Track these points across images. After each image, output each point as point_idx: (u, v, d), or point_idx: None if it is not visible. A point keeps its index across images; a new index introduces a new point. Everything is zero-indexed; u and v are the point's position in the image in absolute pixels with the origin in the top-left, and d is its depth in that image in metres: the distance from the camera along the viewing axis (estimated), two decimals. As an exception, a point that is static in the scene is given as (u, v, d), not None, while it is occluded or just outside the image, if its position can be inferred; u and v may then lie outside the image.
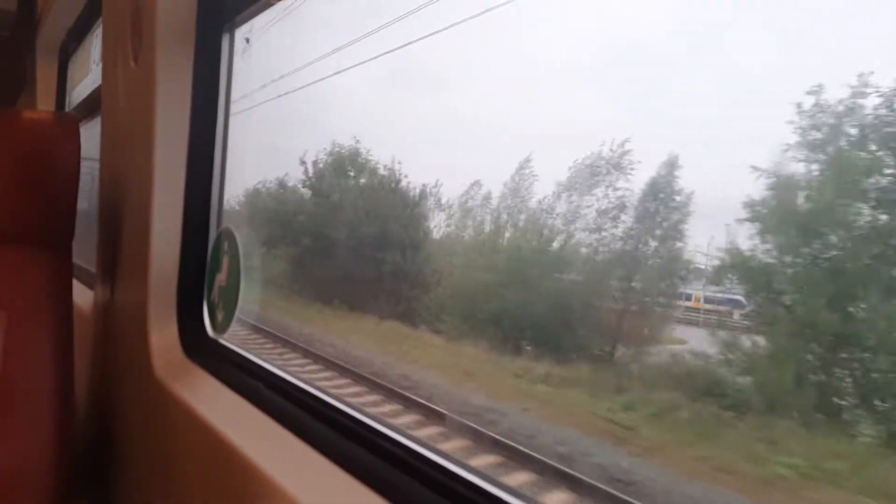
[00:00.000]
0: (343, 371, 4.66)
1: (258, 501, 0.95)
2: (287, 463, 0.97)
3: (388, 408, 3.97)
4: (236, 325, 1.33)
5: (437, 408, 3.69)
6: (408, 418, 3.81)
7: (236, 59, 1.46)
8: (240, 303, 1.33)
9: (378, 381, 4.32)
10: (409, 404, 3.93)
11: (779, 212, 2.18)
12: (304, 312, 5.38)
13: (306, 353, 5.18)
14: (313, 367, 4.88)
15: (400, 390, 4.06)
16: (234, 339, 1.37)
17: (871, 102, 1.96)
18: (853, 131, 2.00)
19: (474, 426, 3.27)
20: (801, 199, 2.15)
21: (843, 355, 2.03)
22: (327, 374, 4.71)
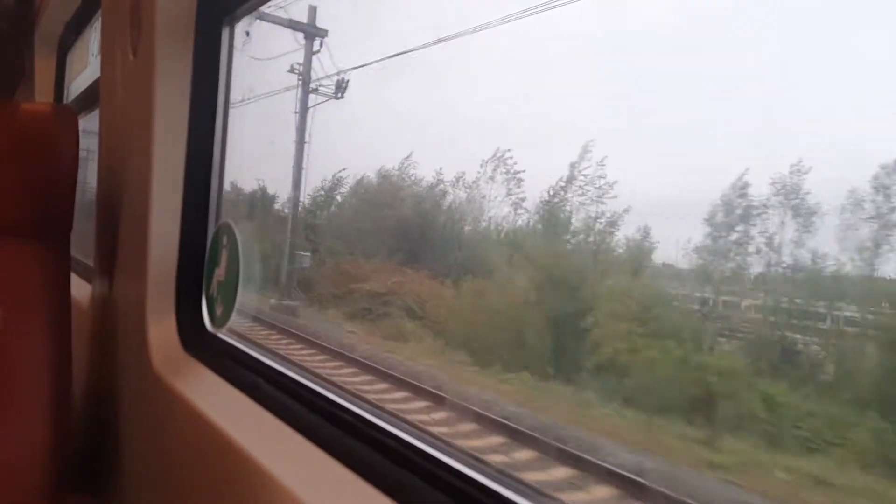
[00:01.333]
0: None
1: (257, 496, 0.94)
2: (286, 458, 0.97)
3: None
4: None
5: None
6: None
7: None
8: (239, 297, 1.33)
9: None
10: None
11: None
12: None
13: None
14: None
15: None
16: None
17: None
18: None
19: None
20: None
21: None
22: None
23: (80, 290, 1.91)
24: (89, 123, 1.58)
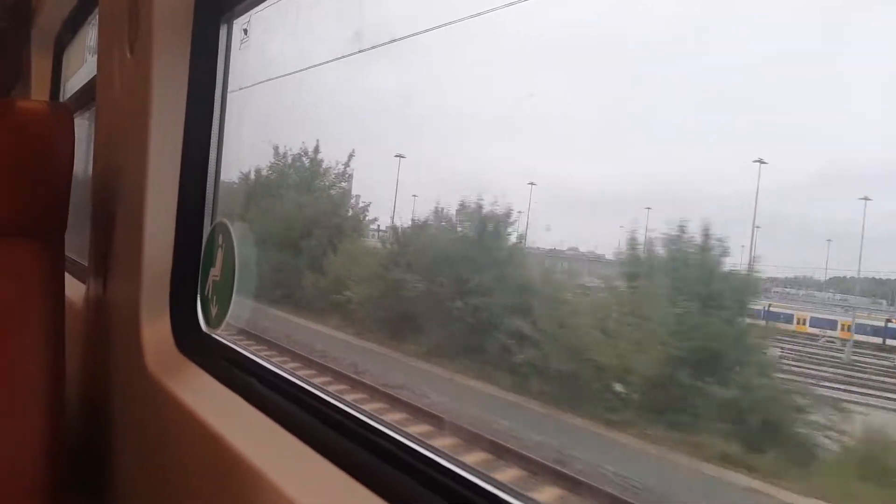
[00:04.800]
0: None
1: (250, 496, 0.94)
2: (280, 458, 0.97)
3: None
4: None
5: None
6: None
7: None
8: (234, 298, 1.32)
9: None
10: None
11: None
12: None
13: None
14: None
15: None
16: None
17: None
18: None
19: None
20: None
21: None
22: None
23: (75, 289, 1.90)
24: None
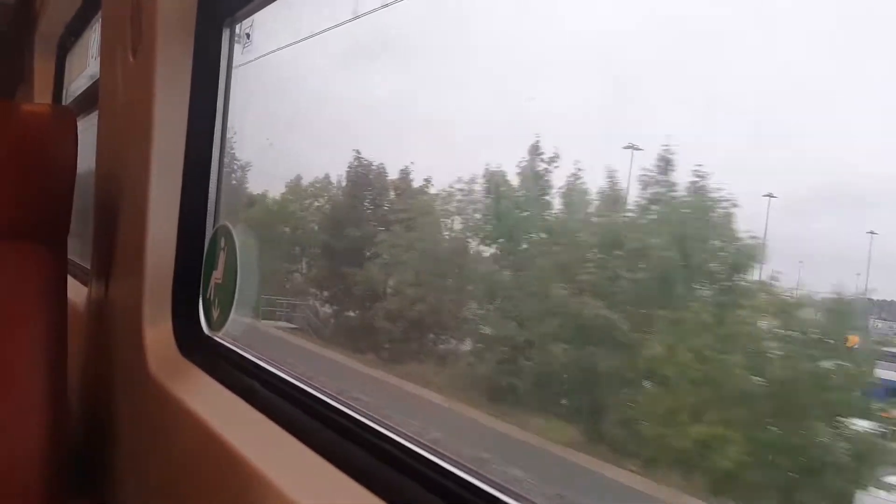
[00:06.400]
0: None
1: (252, 499, 0.94)
2: (283, 462, 0.97)
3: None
4: None
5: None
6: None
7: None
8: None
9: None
10: None
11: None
12: None
13: None
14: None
15: None
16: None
17: None
18: None
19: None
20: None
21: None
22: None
23: (77, 292, 1.90)
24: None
